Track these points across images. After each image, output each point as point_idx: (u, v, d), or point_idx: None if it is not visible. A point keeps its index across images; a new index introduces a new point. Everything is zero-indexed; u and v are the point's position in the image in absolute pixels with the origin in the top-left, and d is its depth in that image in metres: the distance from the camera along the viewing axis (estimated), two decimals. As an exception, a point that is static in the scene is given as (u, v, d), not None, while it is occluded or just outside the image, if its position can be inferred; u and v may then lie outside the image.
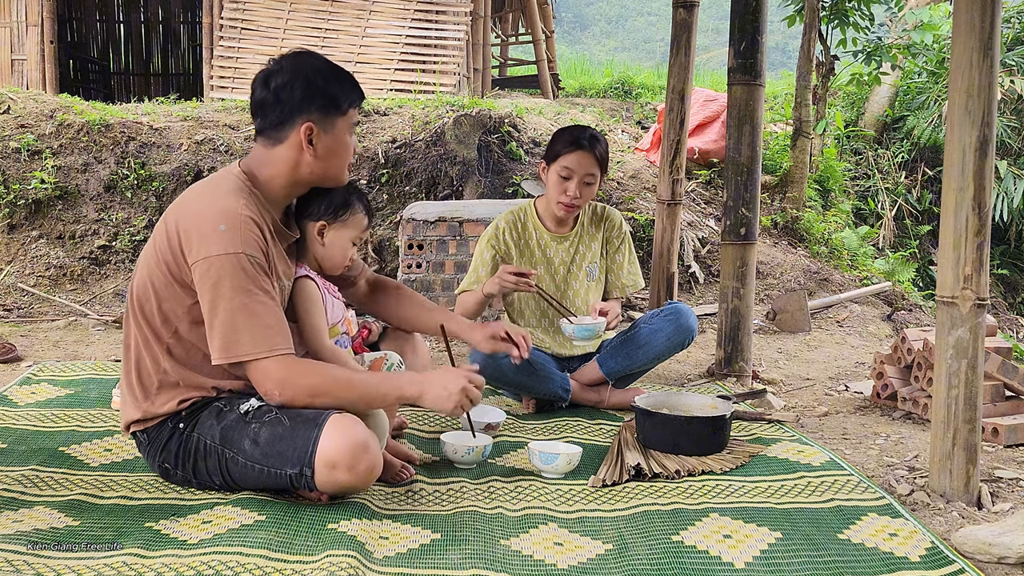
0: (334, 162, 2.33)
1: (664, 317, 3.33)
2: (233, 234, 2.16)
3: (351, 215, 2.46)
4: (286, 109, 2.25)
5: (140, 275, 2.30)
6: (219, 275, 2.14)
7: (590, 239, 3.43)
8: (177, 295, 2.23)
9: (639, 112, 8.87)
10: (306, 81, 2.26)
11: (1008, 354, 3.32)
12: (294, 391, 2.19)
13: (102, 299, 5.41)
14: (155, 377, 2.29)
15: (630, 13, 35.38)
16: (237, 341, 2.15)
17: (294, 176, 2.31)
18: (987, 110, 2.34)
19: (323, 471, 2.14)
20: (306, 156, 2.29)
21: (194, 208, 2.23)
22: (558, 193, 3.25)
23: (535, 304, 3.41)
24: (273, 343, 2.17)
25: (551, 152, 3.26)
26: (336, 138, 2.31)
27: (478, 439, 2.66)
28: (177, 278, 2.22)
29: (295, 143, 2.27)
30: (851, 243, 6.66)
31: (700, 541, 2.10)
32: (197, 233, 2.17)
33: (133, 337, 2.32)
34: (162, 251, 2.23)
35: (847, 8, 6.77)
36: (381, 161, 5.92)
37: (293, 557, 1.93)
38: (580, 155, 3.20)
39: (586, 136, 3.22)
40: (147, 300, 2.27)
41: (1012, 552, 2.06)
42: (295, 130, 2.26)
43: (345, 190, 2.44)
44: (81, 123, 6.05)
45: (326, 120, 2.28)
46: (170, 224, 2.23)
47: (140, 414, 2.31)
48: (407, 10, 8.27)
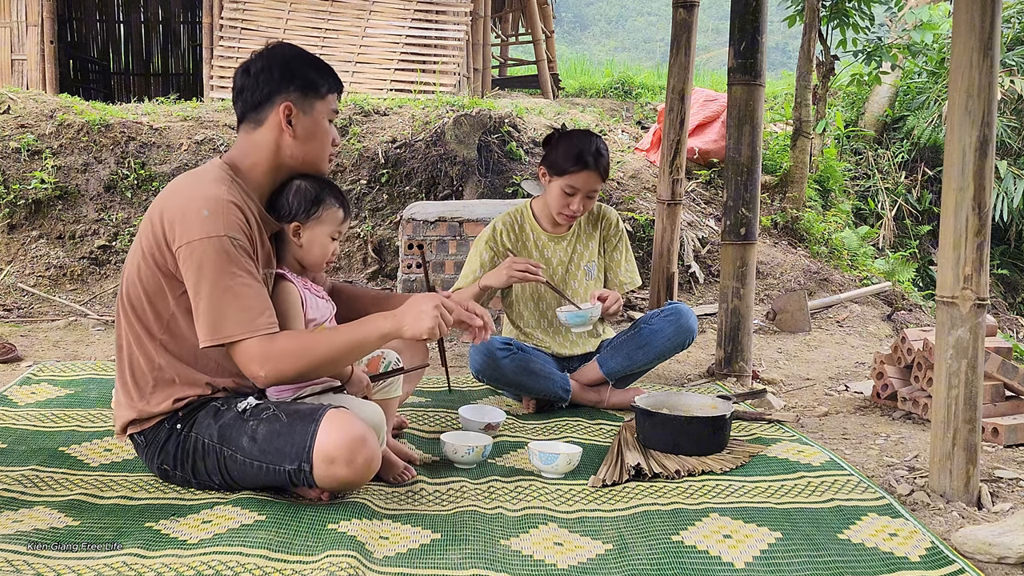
0: (313, 145, 2.37)
1: (664, 317, 3.33)
2: (216, 218, 2.18)
3: (324, 210, 2.41)
4: (265, 90, 2.31)
5: (128, 272, 2.31)
6: (202, 258, 2.16)
7: (587, 238, 3.44)
8: (164, 287, 2.25)
9: (639, 112, 8.87)
10: (284, 63, 2.33)
11: (1008, 354, 3.32)
12: (276, 362, 2.18)
13: (102, 299, 5.41)
14: (150, 375, 2.30)
15: (630, 13, 35.39)
16: (222, 323, 2.16)
17: (276, 160, 2.35)
18: (987, 110, 2.34)
19: (321, 466, 2.14)
20: (286, 137, 2.33)
21: (178, 198, 2.25)
22: (560, 206, 3.25)
23: (534, 305, 3.41)
24: (256, 324, 2.17)
25: (555, 166, 3.22)
26: (315, 120, 2.35)
27: (478, 439, 2.66)
28: (163, 269, 2.23)
29: (275, 124, 2.32)
30: (851, 243, 6.66)
31: (700, 541, 2.10)
32: (180, 220, 2.19)
33: (125, 336, 2.33)
34: (147, 244, 2.25)
35: (847, 8, 6.77)
36: (381, 161, 5.92)
37: (293, 557, 1.93)
38: (586, 175, 3.19)
39: (591, 152, 3.19)
40: (136, 296, 2.28)
41: (1012, 552, 2.06)
42: (275, 110, 2.31)
43: (315, 185, 2.40)
44: (81, 123, 6.05)
45: (305, 101, 2.33)
46: (154, 216, 2.25)
47: (135, 414, 2.30)
48: (407, 10, 8.27)
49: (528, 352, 3.27)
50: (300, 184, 2.40)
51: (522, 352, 3.22)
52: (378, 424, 2.35)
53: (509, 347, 3.21)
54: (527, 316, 3.42)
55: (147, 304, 2.27)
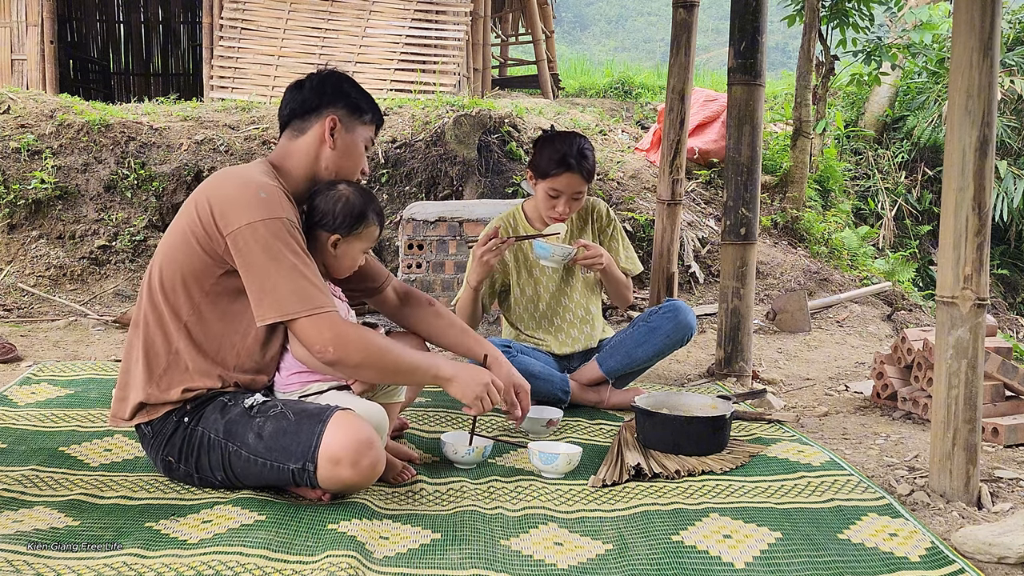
0: (348, 163, 2.47)
1: (663, 314, 3.34)
2: (272, 201, 2.26)
3: (365, 227, 2.45)
4: (315, 102, 2.43)
5: (164, 252, 2.34)
6: (267, 238, 2.21)
7: (579, 233, 3.44)
8: (206, 267, 2.28)
9: (639, 112, 8.87)
10: (338, 83, 2.47)
11: (1008, 354, 3.32)
12: (346, 348, 2.22)
13: (102, 299, 5.41)
14: (164, 358, 2.31)
15: (630, 13, 35.39)
16: (292, 298, 2.20)
17: (313, 168, 2.44)
18: (987, 110, 2.34)
19: (326, 467, 2.15)
20: (326, 148, 2.43)
21: (228, 185, 2.30)
22: (547, 209, 3.27)
23: (533, 308, 3.41)
24: (323, 301, 2.23)
25: (539, 168, 3.23)
26: (354, 140, 2.47)
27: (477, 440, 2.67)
28: (208, 250, 2.26)
29: (318, 134, 2.42)
30: (851, 243, 6.66)
31: (700, 541, 2.10)
32: (236, 203, 2.24)
33: (146, 317, 2.34)
34: (191, 226, 2.28)
35: (847, 8, 6.77)
36: (381, 161, 5.92)
37: (293, 557, 1.93)
38: (568, 177, 3.19)
39: (573, 154, 3.18)
40: (171, 276, 2.30)
41: (1012, 552, 2.06)
42: (320, 121, 2.42)
43: (361, 199, 2.43)
44: (81, 123, 6.05)
45: (350, 119, 2.45)
46: (200, 201, 2.29)
47: (144, 396, 2.30)
48: (407, 10, 8.27)
49: (528, 354, 3.27)
50: (347, 194, 2.42)
51: (522, 355, 3.23)
52: (380, 424, 2.36)
53: (509, 350, 3.21)
54: (527, 319, 3.42)
55: (180, 285, 2.30)
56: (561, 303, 3.41)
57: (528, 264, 3.39)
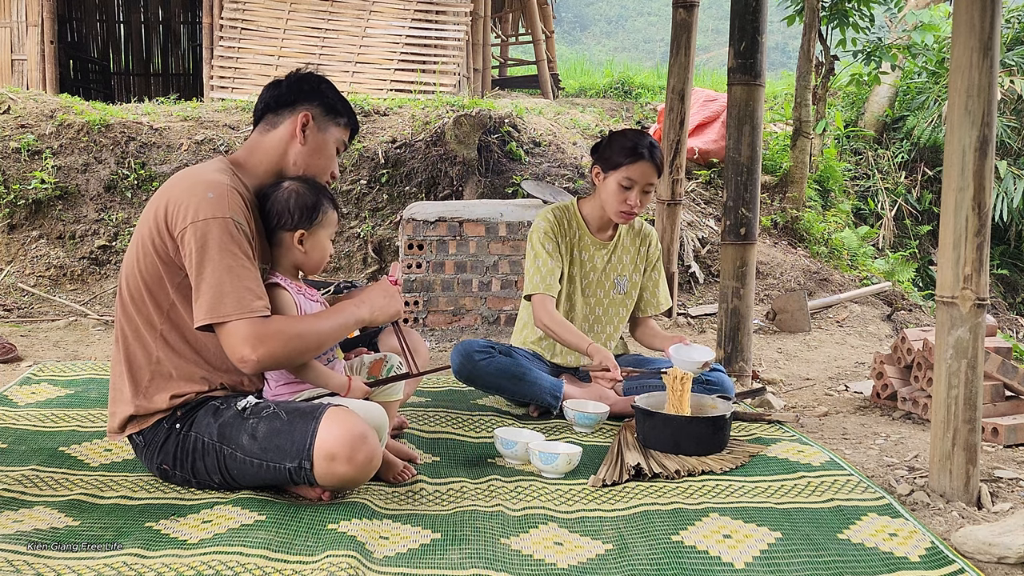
0: (317, 162, 2.46)
1: (707, 388, 3.18)
2: (220, 200, 2.23)
3: (323, 214, 2.42)
4: (291, 97, 2.42)
5: (127, 263, 2.34)
6: (206, 238, 2.19)
7: (624, 252, 3.39)
8: (164, 275, 2.27)
9: (639, 112, 8.87)
10: (316, 83, 2.47)
11: (1008, 354, 3.33)
12: (269, 344, 2.18)
13: (102, 299, 5.41)
14: (147, 369, 2.31)
15: (630, 13, 35.39)
16: (221, 302, 2.18)
17: (280, 164, 2.43)
18: (987, 110, 2.34)
19: (322, 463, 2.15)
20: (296, 144, 2.42)
21: (180, 186, 2.29)
22: (618, 203, 3.19)
23: (570, 312, 3.34)
24: (253, 306, 2.20)
25: (610, 161, 3.18)
26: (326, 140, 2.46)
27: (595, 406, 3.03)
28: (162, 256, 2.25)
29: (290, 129, 2.41)
30: (851, 243, 6.66)
31: (700, 541, 2.10)
32: (184, 203, 2.22)
33: (123, 330, 2.34)
34: (148, 233, 2.27)
35: (847, 8, 6.77)
36: (381, 161, 5.92)
37: (293, 557, 1.93)
38: (643, 166, 3.15)
39: (645, 145, 3.15)
40: (136, 287, 2.30)
41: (1012, 552, 2.06)
42: (294, 116, 2.41)
43: (308, 188, 2.40)
44: (81, 123, 6.05)
45: (324, 119, 2.46)
46: (158, 205, 2.28)
47: (133, 409, 2.31)
48: (407, 10, 8.27)
49: (514, 356, 3.22)
50: (294, 188, 2.38)
51: (505, 356, 3.19)
52: (380, 424, 2.36)
53: (490, 350, 3.18)
54: (538, 334, 3.37)
55: (146, 294, 2.29)
56: (601, 321, 3.37)
57: (569, 262, 3.31)
